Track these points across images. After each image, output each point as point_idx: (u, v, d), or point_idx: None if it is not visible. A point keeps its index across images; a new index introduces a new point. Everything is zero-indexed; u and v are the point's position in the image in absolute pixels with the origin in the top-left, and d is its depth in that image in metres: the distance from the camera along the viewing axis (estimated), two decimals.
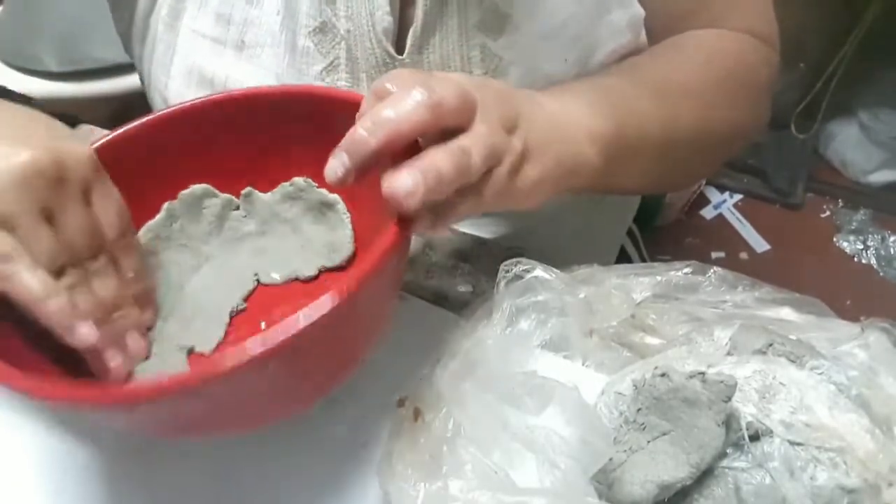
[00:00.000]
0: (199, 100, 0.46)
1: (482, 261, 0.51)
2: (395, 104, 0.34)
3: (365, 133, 0.34)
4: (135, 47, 0.59)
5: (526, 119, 0.38)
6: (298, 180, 0.47)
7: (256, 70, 0.52)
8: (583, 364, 0.41)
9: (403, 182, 0.33)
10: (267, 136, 0.47)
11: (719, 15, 0.56)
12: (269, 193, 0.48)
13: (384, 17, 0.48)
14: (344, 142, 0.34)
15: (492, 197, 0.36)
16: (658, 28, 0.56)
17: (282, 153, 0.47)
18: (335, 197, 0.47)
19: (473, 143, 0.34)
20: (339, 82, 0.51)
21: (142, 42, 0.57)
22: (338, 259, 0.47)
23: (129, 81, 1.08)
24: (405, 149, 0.34)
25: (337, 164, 0.34)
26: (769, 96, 0.59)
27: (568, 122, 0.41)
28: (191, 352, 0.44)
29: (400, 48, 0.50)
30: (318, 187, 0.47)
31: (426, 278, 0.49)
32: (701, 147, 0.53)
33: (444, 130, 0.35)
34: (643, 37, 0.57)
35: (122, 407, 0.31)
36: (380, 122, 0.34)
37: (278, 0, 0.50)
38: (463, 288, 0.49)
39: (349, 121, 0.39)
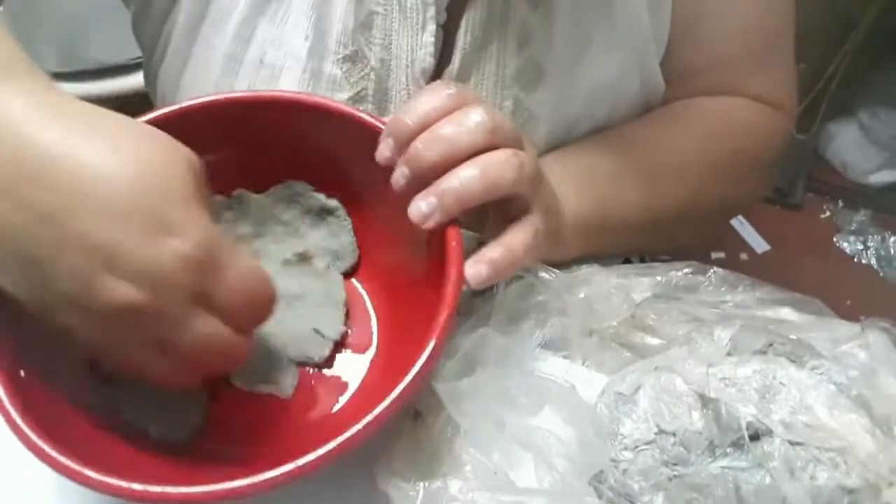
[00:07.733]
0: (196, 102, 0.42)
1: None
2: (455, 121, 0.36)
3: (421, 146, 0.36)
4: (145, 43, 0.56)
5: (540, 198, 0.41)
6: (294, 183, 0.45)
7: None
8: (583, 364, 0.41)
9: (479, 272, 0.38)
10: (248, 139, 0.44)
11: (734, 77, 0.55)
12: (261, 195, 0.46)
13: (426, 58, 0.47)
14: (405, 155, 0.37)
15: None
16: (668, 88, 0.55)
17: (265, 159, 0.45)
18: (335, 202, 0.45)
19: (536, 223, 0.39)
20: None
21: (152, 42, 0.54)
22: (343, 266, 0.46)
23: (130, 82, 1.07)
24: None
25: (398, 175, 0.37)
26: (775, 166, 0.61)
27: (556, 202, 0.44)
28: None
29: None
30: (315, 191, 0.46)
31: None
32: (688, 224, 0.55)
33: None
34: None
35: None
36: (437, 138, 0.36)
37: (307, 24, 0.47)
38: (463, 288, 0.49)
39: (338, 133, 0.39)
